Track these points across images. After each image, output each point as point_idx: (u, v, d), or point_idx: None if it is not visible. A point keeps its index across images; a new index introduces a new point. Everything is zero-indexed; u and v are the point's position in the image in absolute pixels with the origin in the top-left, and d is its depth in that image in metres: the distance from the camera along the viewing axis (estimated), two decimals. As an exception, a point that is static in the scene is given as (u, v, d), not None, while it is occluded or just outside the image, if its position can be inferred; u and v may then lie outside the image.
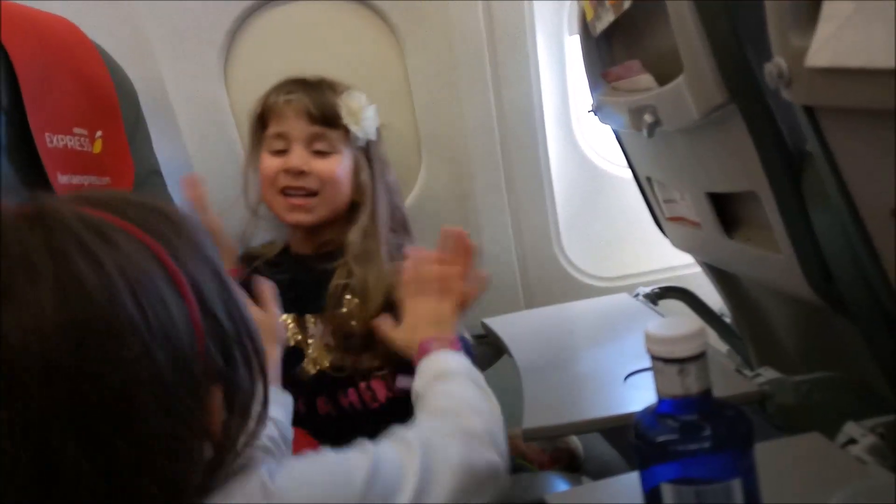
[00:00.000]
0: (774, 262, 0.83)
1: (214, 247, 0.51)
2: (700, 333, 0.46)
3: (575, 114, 1.48)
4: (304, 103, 1.03)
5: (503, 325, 1.17)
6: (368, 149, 1.07)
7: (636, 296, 1.24)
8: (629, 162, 1.21)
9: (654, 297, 1.24)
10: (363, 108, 1.05)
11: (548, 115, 1.45)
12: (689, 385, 0.46)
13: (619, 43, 1.09)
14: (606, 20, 1.01)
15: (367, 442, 0.59)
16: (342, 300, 1.01)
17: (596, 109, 1.12)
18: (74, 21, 1.03)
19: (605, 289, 1.49)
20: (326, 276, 1.02)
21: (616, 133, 1.19)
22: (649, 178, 1.16)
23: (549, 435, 1.00)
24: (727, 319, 1.27)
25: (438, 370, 0.74)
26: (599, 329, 1.16)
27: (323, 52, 1.39)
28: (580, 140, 1.50)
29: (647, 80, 0.94)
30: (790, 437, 0.70)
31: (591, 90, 1.13)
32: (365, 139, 1.07)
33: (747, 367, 0.89)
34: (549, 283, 1.51)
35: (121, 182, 1.03)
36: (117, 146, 1.04)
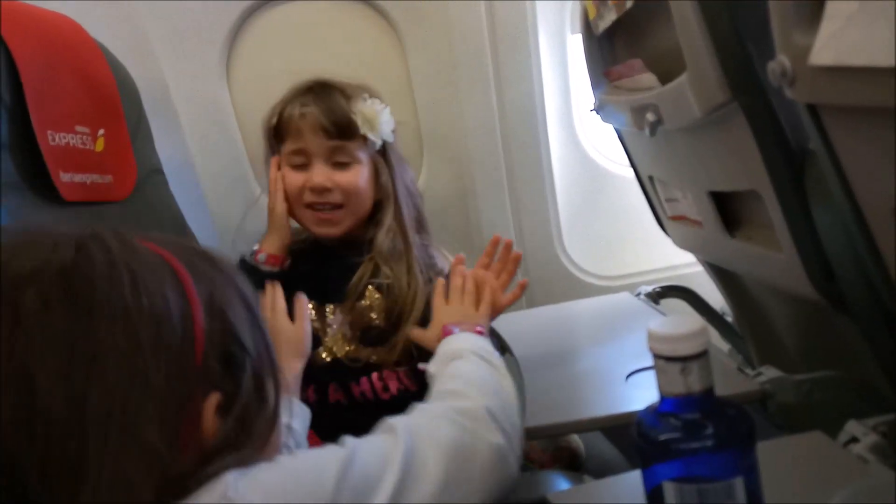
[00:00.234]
0: (776, 261, 0.83)
1: (250, 287, 0.55)
2: (702, 332, 0.46)
3: (577, 113, 1.48)
4: (320, 118, 1.02)
5: (505, 324, 1.17)
6: (385, 150, 1.08)
7: (638, 295, 1.24)
8: (631, 161, 1.21)
9: (655, 296, 1.24)
10: (379, 115, 1.04)
11: (549, 114, 1.45)
12: (692, 383, 0.46)
13: (621, 42, 1.09)
14: (609, 19, 1.01)
15: (349, 437, 0.56)
16: (364, 293, 1.02)
17: (598, 108, 1.12)
18: (77, 20, 1.03)
19: (607, 288, 1.49)
20: (350, 268, 1.03)
21: (618, 132, 1.19)
22: (651, 177, 1.16)
23: (550, 433, 1.00)
24: (729, 318, 1.27)
25: (452, 350, 0.75)
26: (601, 328, 1.16)
27: (324, 51, 1.39)
28: (582, 139, 1.50)
29: (649, 78, 0.94)
30: (792, 435, 0.70)
31: (593, 89, 1.13)
32: (382, 142, 1.07)
33: (749, 366, 0.89)
34: (551, 282, 1.51)
35: (123, 180, 1.03)
36: (120, 144, 1.04)
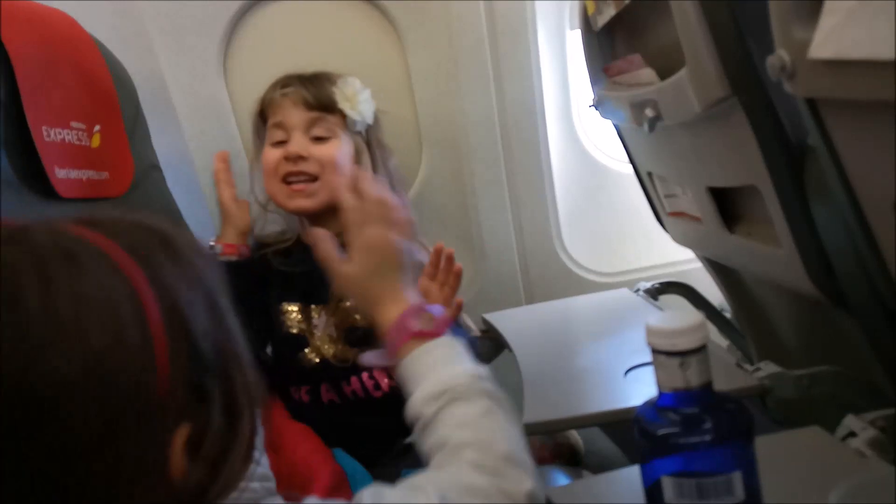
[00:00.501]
0: (775, 257, 0.83)
1: (215, 267, 0.48)
2: (701, 326, 0.46)
3: (576, 109, 1.48)
4: (301, 93, 1.06)
5: (503, 320, 1.17)
6: (368, 134, 1.09)
7: (636, 291, 1.24)
8: (630, 157, 1.21)
9: (654, 293, 1.24)
10: (358, 93, 1.07)
11: (549, 110, 1.45)
12: (690, 378, 0.46)
13: (620, 37, 1.09)
14: (608, 14, 1.00)
15: (367, 492, 0.52)
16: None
17: (597, 104, 1.12)
18: (73, 14, 1.03)
19: (606, 284, 1.49)
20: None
21: (617, 128, 1.19)
22: (650, 173, 1.16)
23: (549, 429, 1.00)
24: (727, 315, 1.27)
25: (443, 386, 0.60)
26: (599, 324, 1.16)
27: (323, 46, 1.38)
28: (581, 135, 1.50)
29: (648, 74, 0.93)
30: (790, 430, 0.70)
31: (593, 85, 1.12)
32: (363, 124, 1.08)
33: (747, 362, 0.89)
34: (550, 279, 1.51)
35: (120, 177, 1.03)
36: (116, 140, 1.03)
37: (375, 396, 1.01)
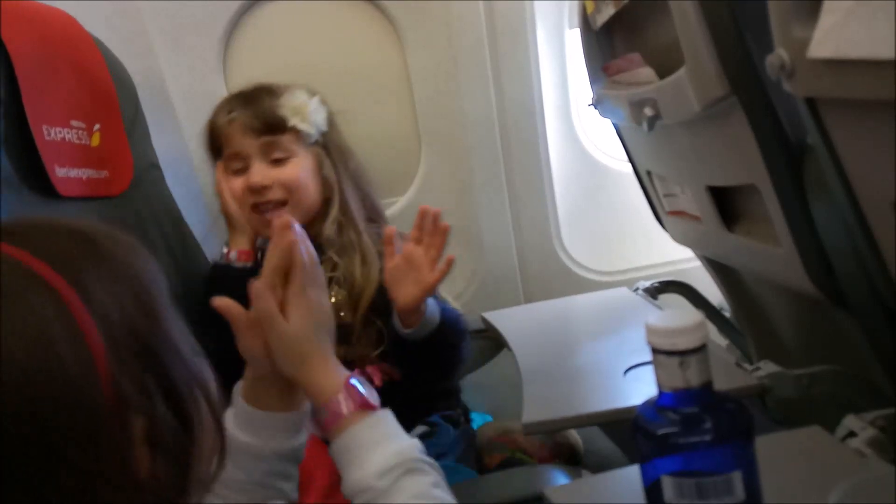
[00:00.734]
0: (775, 256, 0.83)
1: (149, 262, 0.47)
2: (701, 326, 0.46)
3: (575, 107, 1.48)
4: (246, 118, 1.02)
5: (503, 319, 1.17)
6: (325, 141, 1.06)
7: (636, 290, 1.24)
8: (629, 156, 1.20)
9: (653, 292, 1.24)
10: (307, 104, 1.03)
11: (548, 109, 1.45)
12: (690, 377, 0.46)
13: (619, 36, 1.09)
14: (607, 13, 1.00)
15: None
16: (330, 292, 1.00)
17: (596, 103, 1.12)
18: (73, 13, 1.03)
19: (605, 283, 1.49)
20: None
21: (616, 127, 1.19)
22: (649, 172, 1.16)
23: (548, 429, 1.00)
24: (727, 314, 1.27)
25: (393, 460, 0.60)
26: (599, 323, 1.16)
27: (323, 45, 1.38)
28: (580, 134, 1.50)
29: (647, 73, 0.93)
30: (790, 430, 0.70)
31: (592, 84, 1.12)
32: (318, 133, 1.05)
33: (747, 361, 0.89)
34: (549, 278, 1.51)
35: (119, 175, 1.03)
36: (115, 139, 1.03)
37: None
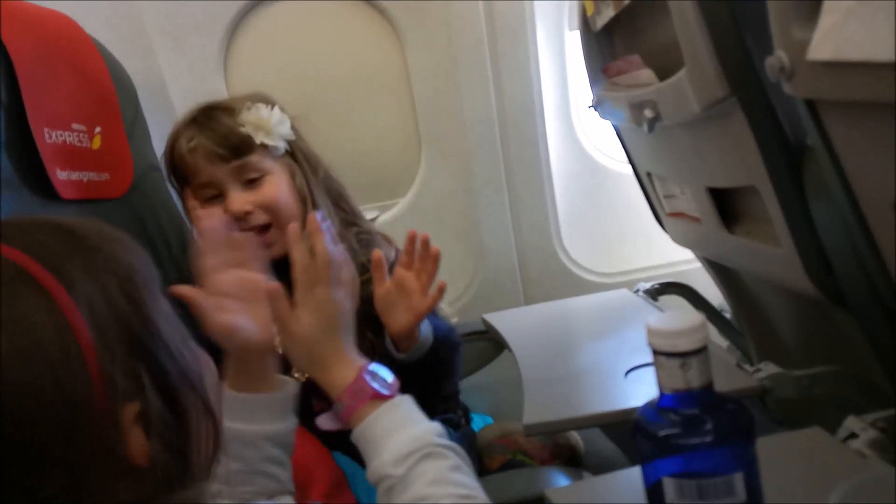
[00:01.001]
0: (775, 257, 0.83)
1: (134, 251, 0.47)
2: (701, 327, 0.46)
3: (575, 109, 1.48)
4: (209, 146, 0.96)
5: (503, 321, 1.17)
6: (293, 150, 1.02)
7: (636, 291, 1.24)
8: (629, 157, 1.21)
9: (654, 293, 1.24)
10: (268, 118, 0.97)
11: (548, 110, 1.45)
12: (691, 379, 0.46)
13: (619, 38, 1.09)
14: (607, 15, 1.00)
15: None
16: None
17: (596, 105, 1.12)
18: (73, 16, 1.03)
19: (605, 284, 1.49)
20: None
21: (616, 128, 1.19)
22: (649, 174, 1.16)
23: (549, 430, 1.00)
24: (727, 315, 1.27)
25: (408, 447, 0.61)
26: (599, 325, 1.16)
27: (323, 46, 1.39)
28: (580, 135, 1.50)
29: (647, 74, 0.94)
30: (791, 431, 0.70)
31: (592, 85, 1.12)
32: (285, 144, 1.01)
33: (747, 363, 0.89)
34: (549, 279, 1.51)
35: (120, 178, 1.03)
36: (116, 142, 1.04)
37: None
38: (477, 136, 1.43)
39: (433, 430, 0.63)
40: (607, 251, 1.55)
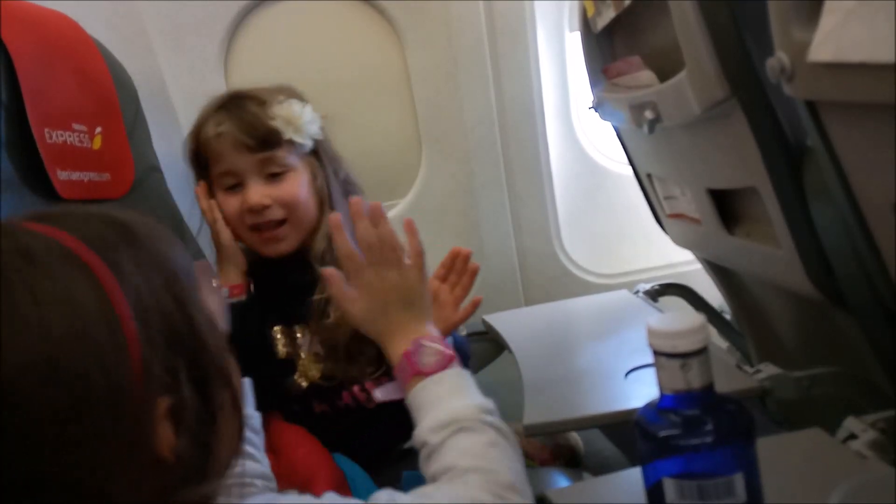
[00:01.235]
0: (775, 258, 0.83)
1: (179, 250, 0.49)
2: (702, 328, 0.46)
3: (575, 110, 1.48)
4: (237, 134, 0.95)
5: (503, 322, 1.17)
6: (318, 150, 1.01)
7: (636, 292, 1.24)
8: (629, 158, 1.21)
9: (654, 294, 1.24)
10: (300, 114, 0.97)
11: (548, 110, 1.45)
12: (692, 380, 0.46)
13: (619, 39, 1.09)
14: (607, 16, 1.01)
15: (394, 494, 0.54)
16: (327, 310, 0.97)
17: (596, 106, 1.12)
18: (75, 16, 1.03)
19: (605, 285, 1.49)
20: (307, 285, 0.98)
21: (616, 129, 1.19)
22: (650, 175, 1.16)
23: (549, 431, 1.00)
24: (727, 316, 1.27)
25: (448, 417, 0.62)
26: (599, 326, 1.16)
27: (323, 47, 1.39)
28: (580, 136, 1.50)
29: (647, 76, 0.94)
30: (791, 432, 0.70)
31: (592, 86, 1.13)
32: (312, 143, 1.00)
33: (747, 364, 0.89)
34: (549, 280, 1.51)
35: (120, 178, 1.03)
36: (117, 142, 1.04)
37: (368, 408, 1.00)
38: (477, 136, 1.43)
39: (479, 405, 0.64)
40: (607, 252, 1.55)
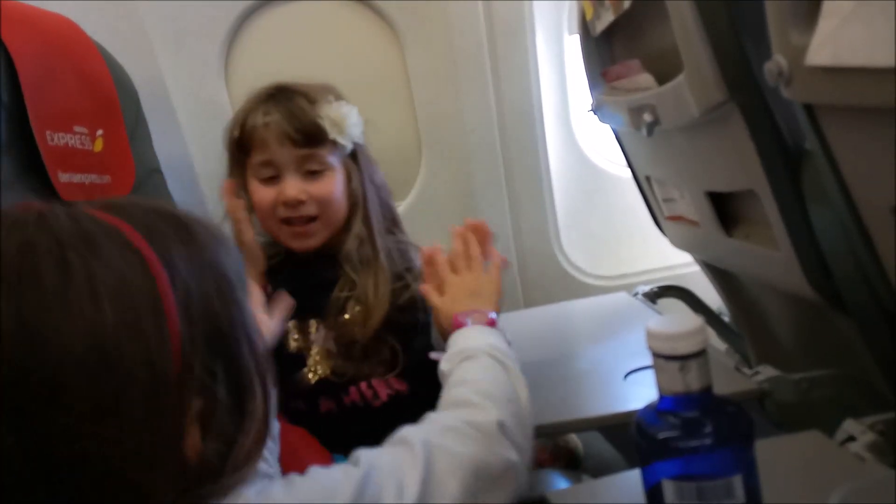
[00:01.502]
0: (773, 260, 0.83)
1: (233, 254, 0.50)
2: (701, 330, 0.46)
3: (574, 112, 1.48)
4: (285, 126, 0.96)
5: (502, 324, 1.17)
6: (356, 153, 1.02)
7: (635, 295, 1.24)
8: (628, 161, 1.21)
9: (652, 296, 1.24)
10: (347, 116, 0.98)
11: (547, 113, 1.45)
12: (691, 382, 0.46)
13: (618, 42, 1.09)
14: (606, 20, 1.01)
15: (363, 452, 0.56)
16: (345, 307, 0.99)
17: (595, 109, 1.12)
18: (76, 18, 1.03)
19: (604, 288, 1.49)
20: (329, 282, 1.00)
21: (615, 132, 1.19)
22: (648, 178, 1.16)
23: (548, 433, 1.00)
24: (725, 319, 1.27)
25: (463, 348, 0.72)
26: (598, 328, 1.16)
27: (323, 49, 1.39)
28: (579, 139, 1.51)
29: (646, 79, 0.94)
30: (790, 434, 0.70)
31: (591, 89, 1.13)
32: (353, 145, 1.02)
33: (746, 366, 0.89)
34: (548, 282, 1.51)
35: (121, 180, 1.03)
36: (118, 144, 1.04)
37: (374, 406, 1.00)
38: (476, 139, 1.43)
39: (490, 343, 0.73)
40: (606, 254, 1.55)
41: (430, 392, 0.71)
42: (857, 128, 0.56)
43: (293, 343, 1.01)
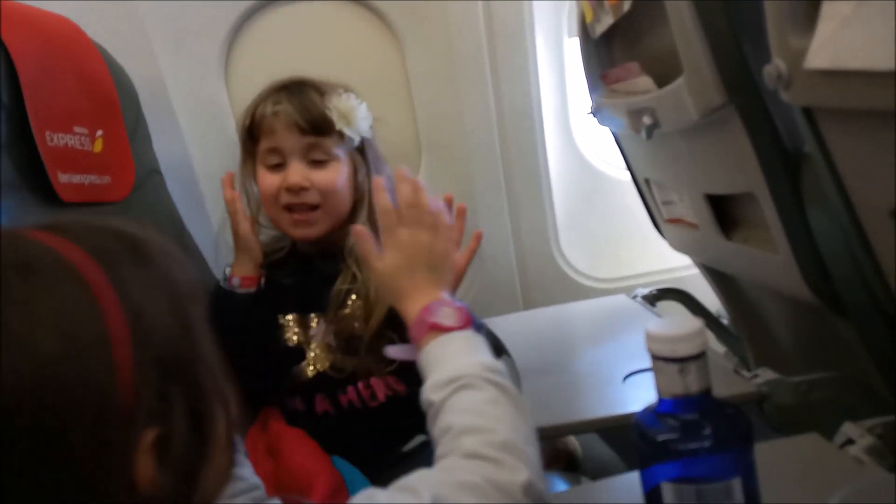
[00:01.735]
0: (772, 263, 0.83)
1: (188, 273, 0.47)
2: (700, 332, 0.46)
3: (574, 115, 1.48)
4: (293, 114, 0.98)
5: (501, 326, 1.17)
6: (363, 147, 1.04)
7: (634, 297, 1.24)
8: (628, 164, 1.21)
9: (651, 299, 1.24)
10: (355, 109, 1.01)
11: (546, 115, 1.45)
12: (690, 384, 0.46)
13: (618, 45, 1.09)
14: (606, 22, 1.01)
15: (363, 493, 0.52)
16: (346, 301, 1.00)
17: (595, 111, 1.12)
18: (76, 19, 1.03)
19: (603, 290, 1.49)
20: (331, 277, 1.01)
21: (615, 135, 1.19)
22: (647, 180, 1.16)
23: (547, 435, 0.99)
24: (724, 321, 1.28)
25: (453, 375, 0.61)
26: (597, 330, 1.16)
27: (323, 50, 1.39)
28: (579, 141, 1.51)
29: (645, 82, 0.94)
30: (788, 437, 0.70)
31: (590, 92, 1.13)
32: (360, 139, 1.04)
33: (745, 368, 0.90)
34: (548, 284, 1.51)
35: (121, 181, 1.03)
36: (118, 145, 1.04)
37: (371, 406, 1.00)
38: (476, 141, 1.43)
39: (484, 363, 0.62)
40: (605, 257, 1.55)
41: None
42: (857, 131, 0.56)
43: (293, 337, 1.01)
